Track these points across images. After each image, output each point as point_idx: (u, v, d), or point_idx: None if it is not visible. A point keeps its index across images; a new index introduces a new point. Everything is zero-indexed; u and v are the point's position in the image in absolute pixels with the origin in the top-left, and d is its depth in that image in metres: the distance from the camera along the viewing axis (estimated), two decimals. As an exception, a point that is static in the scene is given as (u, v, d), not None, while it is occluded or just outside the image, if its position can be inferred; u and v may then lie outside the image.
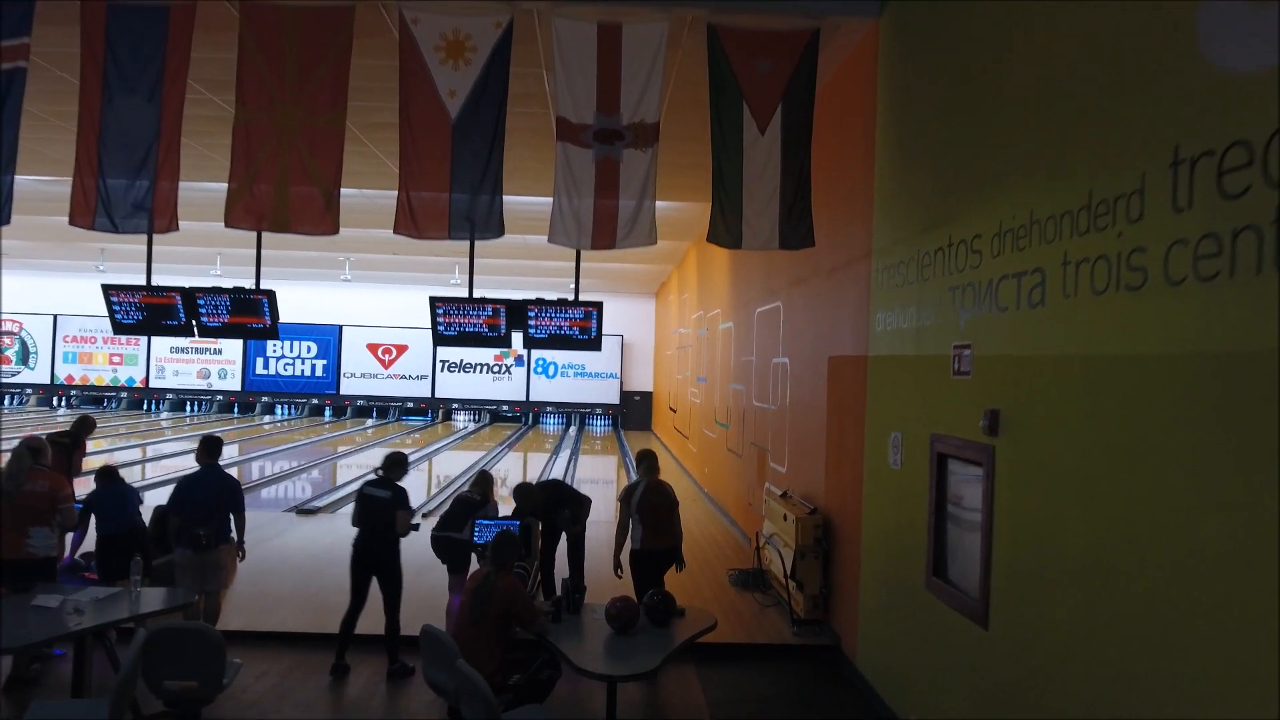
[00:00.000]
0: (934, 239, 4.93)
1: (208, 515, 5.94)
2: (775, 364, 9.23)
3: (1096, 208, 3.34)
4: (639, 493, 6.52)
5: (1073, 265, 3.49)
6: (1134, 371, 3.09)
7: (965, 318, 4.50)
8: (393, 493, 6.01)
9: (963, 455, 4.50)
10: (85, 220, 5.96)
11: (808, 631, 6.91)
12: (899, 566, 5.37)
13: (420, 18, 6.00)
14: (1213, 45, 2.76)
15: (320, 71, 6.00)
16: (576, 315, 7.26)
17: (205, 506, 5.99)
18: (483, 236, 6.02)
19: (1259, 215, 2.52)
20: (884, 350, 5.78)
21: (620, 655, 4.78)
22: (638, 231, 6.05)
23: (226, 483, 6.26)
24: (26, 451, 5.73)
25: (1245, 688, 2.51)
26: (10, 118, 5.91)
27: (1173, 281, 2.88)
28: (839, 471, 6.77)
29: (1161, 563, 2.91)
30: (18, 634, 4.55)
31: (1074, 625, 3.42)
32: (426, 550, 6.71)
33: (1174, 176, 2.90)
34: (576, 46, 6.04)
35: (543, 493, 7.17)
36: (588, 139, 6.05)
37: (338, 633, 6.14)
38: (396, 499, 5.98)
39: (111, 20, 6.02)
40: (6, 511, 5.49)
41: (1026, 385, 3.89)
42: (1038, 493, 3.78)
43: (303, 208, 5.99)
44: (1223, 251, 2.66)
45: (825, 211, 6.86)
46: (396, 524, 5.99)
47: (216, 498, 6.07)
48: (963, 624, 4.41)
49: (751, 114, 6.08)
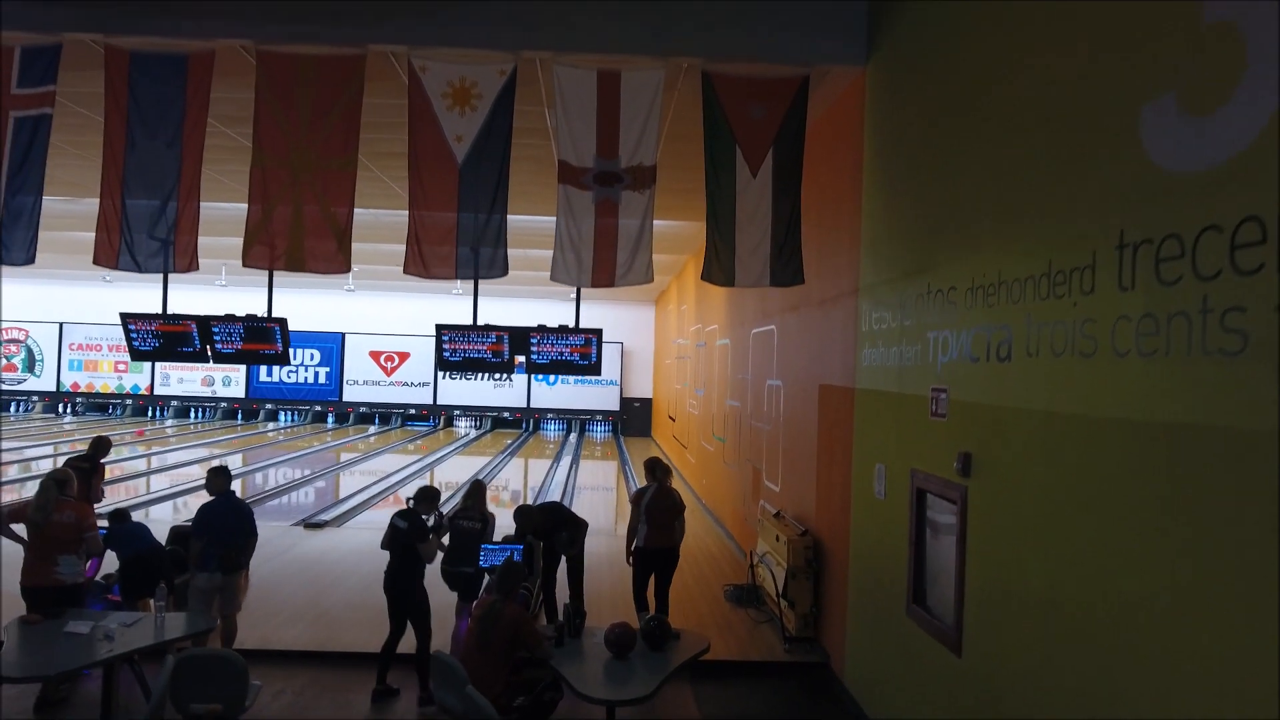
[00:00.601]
0: (915, 284, 5.23)
1: (230, 539, 6.26)
2: (770, 385, 9.53)
3: (1055, 276, 3.64)
4: (649, 496, 7.28)
5: (1035, 326, 3.79)
6: (1087, 430, 3.38)
7: (942, 363, 4.80)
8: (409, 524, 6.22)
9: (939, 492, 4.79)
10: (110, 261, 6.26)
11: (799, 649, 7.20)
12: (883, 591, 5.66)
13: (428, 65, 6.30)
14: (1153, 143, 3.05)
15: (333, 117, 6.30)
16: (577, 342, 7.57)
17: (227, 531, 6.30)
18: (487, 277, 6.32)
19: (1189, 304, 2.81)
20: (869, 384, 6.07)
21: (619, 679, 5.07)
22: (635, 271, 6.34)
23: (242, 509, 6.57)
24: (53, 484, 6.01)
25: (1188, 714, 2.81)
26: (35, 162, 6.22)
27: (1119, 353, 3.18)
28: (829, 495, 7.07)
29: (1111, 601, 3.20)
30: (52, 660, 4.84)
31: (1036, 658, 3.72)
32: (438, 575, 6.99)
33: (1120, 258, 3.19)
34: (577, 93, 6.33)
35: (541, 515, 7.46)
36: (588, 181, 6.35)
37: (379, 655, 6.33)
38: (413, 531, 6.18)
39: (134, 67, 6.32)
40: (36, 541, 5.79)
41: (996, 432, 4.18)
42: (1004, 533, 4.07)
43: (316, 248, 6.28)
44: (1160, 332, 2.95)
45: (816, 244, 7.16)
46: (422, 554, 6.15)
47: (235, 524, 6.38)
48: (940, 651, 4.71)
49: (744, 157, 6.38)
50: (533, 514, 7.35)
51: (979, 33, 4.56)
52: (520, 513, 7.32)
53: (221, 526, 6.33)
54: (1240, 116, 2.63)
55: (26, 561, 5.84)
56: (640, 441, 25.96)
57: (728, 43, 6.24)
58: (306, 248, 6.26)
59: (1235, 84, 2.65)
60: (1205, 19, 2.80)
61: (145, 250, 6.26)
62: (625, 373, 28.08)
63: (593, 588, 7.79)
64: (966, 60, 4.70)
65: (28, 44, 6.24)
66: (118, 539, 6.64)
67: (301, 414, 28.36)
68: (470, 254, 6.29)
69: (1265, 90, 2.54)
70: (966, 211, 4.61)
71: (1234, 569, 2.60)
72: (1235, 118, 2.65)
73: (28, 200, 6.10)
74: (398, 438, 25.18)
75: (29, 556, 5.84)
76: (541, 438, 26.74)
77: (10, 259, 6.09)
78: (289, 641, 7.13)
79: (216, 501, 6.47)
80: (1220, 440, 2.66)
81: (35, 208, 6.15)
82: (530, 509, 7.44)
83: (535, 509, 7.53)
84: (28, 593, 5.77)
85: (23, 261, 6.11)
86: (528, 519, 7.24)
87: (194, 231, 6.34)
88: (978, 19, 4.58)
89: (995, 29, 4.38)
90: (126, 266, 6.26)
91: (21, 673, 4.73)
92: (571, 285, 6.48)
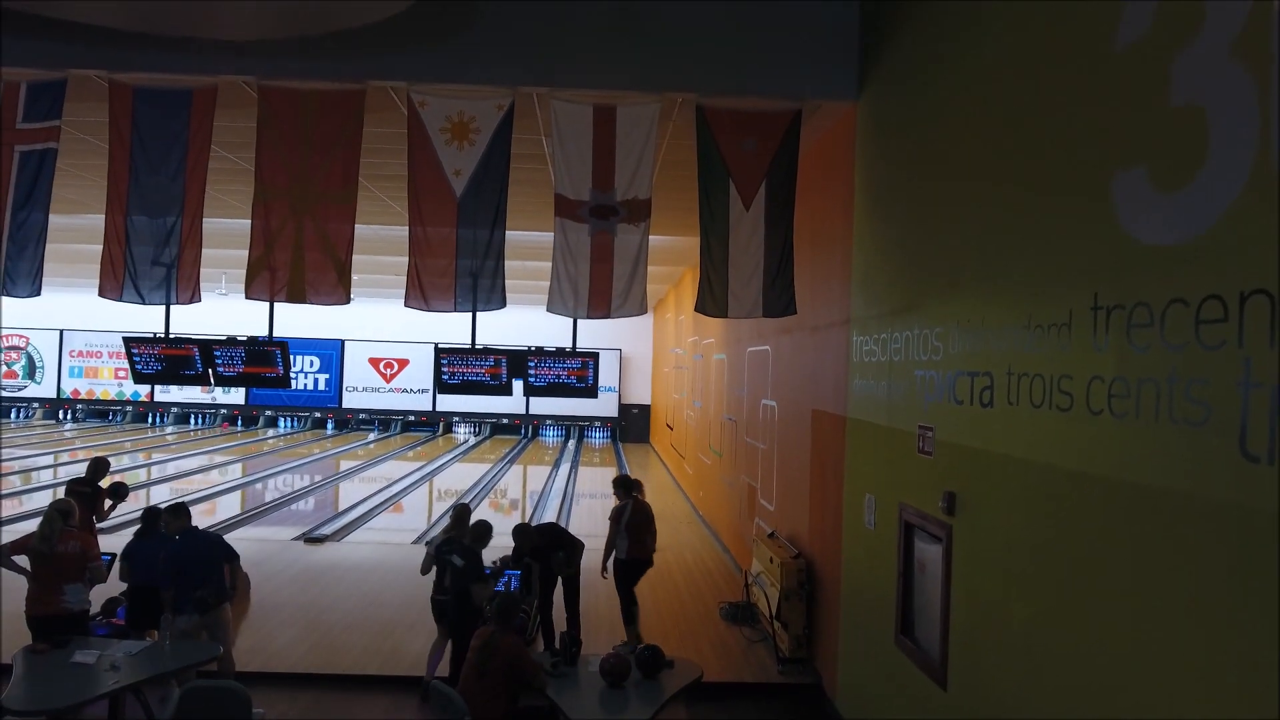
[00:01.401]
0: (903, 322, 5.35)
1: (204, 578, 6.05)
2: (764, 404, 9.65)
3: (1034, 329, 3.76)
4: (627, 513, 7.85)
5: (1015, 376, 3.91)
6: (1064, 482, 3.50)
7: (928, 402, 4.92)
8: (467, 564, 6.22)
9: (925, 528, 4.91)
10: (114, 293, 6.37)
11: (792, 670, 7.32)
12: (873, 619, 5.78)
13: (428, 100, 6.42)
14: (1125, 212, 3.17)
15: (334, 151, 6.42)
16: (574, 365, 7.71)
17: (200, 570, 6.08)
18: (485, 309, 6.43)
19: (1158, 372, 2.92)
20: (860, 415, 6.19)
21: (613, 708, 5.19)
22: (630, 303, 6.46)
23: (211, 540, 6.37)
24: (57, 515, 6.11)
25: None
26: (40, 196, 6.33)
27: (1093, 412, 3.29)
28: (821, 519, 7.18)
29: (1088, 651, 3.32)
30: (59, 692, 4.96)
31: (1018, 699, 3.84)
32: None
33: (1094, 319, 3.31)
34: (573, 127, 6.45)
35: (539, 534, 7.59)
36: (584, 214, 6.46)
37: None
38: (469, 571, 6.19)
39: (138, 102, 6.43)
40: (42, 571, 5.91)
41: (979, 475, 4.30)
42: (987, 573, 4.19)
43: (317, 280, 6.40)
44: (1130, 395, 3.07)
45: (810, 272, 7.28)
46: (473, 595, 6.14)
47: (207, 559, 6.16)
48: (926, 683, 4.83)
49: (737, 191, 6.50)
50: (530, 533, 7.48)
51: (963, 83, 4.68)
52: (518, 531, 7.45)
53: (190, 566, 6.08)
54: (1204, 198, 2.75)
55: (32, 591, 5.93)
56: (639, 448, 26.08)
57: (721, 78, 6.36)
58: (307, 280, 6.37)
59: (1199, 166, 2.77)
60: (1173, 100, 2.92)
61: (149, 283, 6.37)
62: (624, 379, 28.19)
63: (589, 604, 7.92)
64: (952, 107, 4.82)
65: (34, 80, 6.35)
66: (137, 556, 6.55)
67: (301, 420, 28.48)
68: (469, 287, 6.40)
69: (1228, 175, 2.65)
70: (952, 255, 4.72)
71: (1197, 625, 2.72)
72: (1199, 199, 2.77)
73: (33, 234, 6.21)
74: (398, 444, 25.30)
75: (35, 587, 5.94)
76: (540, 444, 26.86)
77: (15, 292, 6.20)
78: (291, 663, 7.24)
79: (182, 542, 6.23)
80: (1183, 505, 2.78)
81: (40, 241, 6.27)
82: (528, 528, 7.57)
83: (533, 529, 7.66)
84: (35, 622, 5.87)
85: (27, 294, 6.23)
86: (525, 538, 7.37)
87: (196, 264, 6.45)
88: (961, 70, 4.70)
89: (978, 81, 4.50)
90: (130, 299, 6.37)
91: (28, 706, 4.83)
92: (568, 316, 6.60)
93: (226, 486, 17.42)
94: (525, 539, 7.37)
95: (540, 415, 27.95)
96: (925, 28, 5.24)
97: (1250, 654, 2.48)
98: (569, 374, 7.75)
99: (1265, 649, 2.41)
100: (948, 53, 4.94)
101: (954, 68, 4.82)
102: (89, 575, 5.99)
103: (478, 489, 17.71)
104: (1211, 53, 2.75)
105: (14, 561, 6.17)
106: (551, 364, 7.75)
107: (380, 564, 10.54)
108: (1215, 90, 2.72)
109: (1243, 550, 2.54)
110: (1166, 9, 2.99)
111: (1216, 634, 2.63)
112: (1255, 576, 2.48)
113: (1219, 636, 2.62)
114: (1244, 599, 2.52)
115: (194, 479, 18.37)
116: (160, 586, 6.12)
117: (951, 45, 4.87)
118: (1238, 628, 2.54)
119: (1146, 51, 3.08)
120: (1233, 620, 2.57)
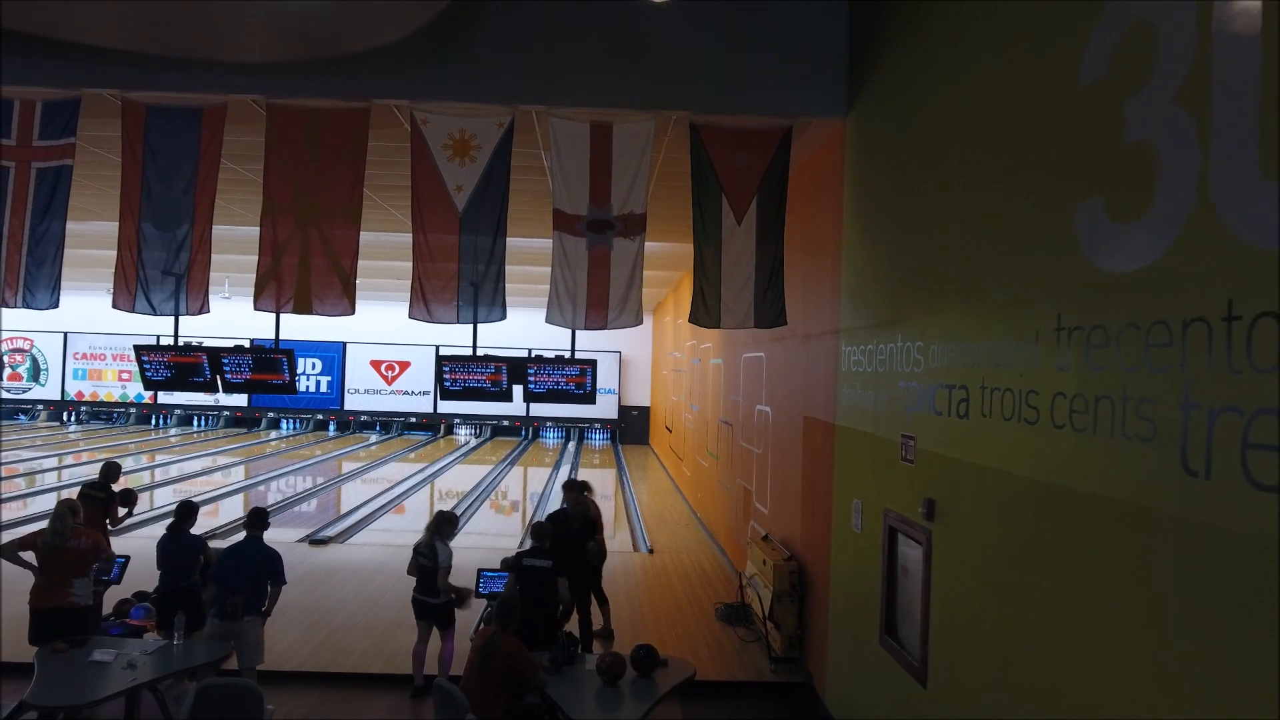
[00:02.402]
0: (888, 335, 5.56)
1: (244, 587, 6.23)
2: (759, 410, 9.86)
3: (1006, 347, 3.97)
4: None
5: (989, 390, 4.12)
6: (1033, 492, 3.72)
7: (910, 412, 5.13)
8: (552, 566, 6.51)
9: (908, 533, 5.13)
10: (127, 304, 6.59)
11: (784, 669, 7.54)
12: (859, 619, 6.00)
13: (430, 118, 6.64)
14: (1085, 239, 3.39)
15: (339, 167, 6.64)
16: (573, 372, 7.90)
17: (243, 578, 6.27)
18: (486, 321, 6.65)
19: (1113, 390, 3.14)
20: (849, 423, 6.40)
21: (610, 706, 5.41)
22: (626, 314, 6.68)
23: (267, 555, 6.47)
24: (68, 511, 6.33)
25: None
26: (57, 211, 6.55)
27: (1056, 425, 3.51)
28: (812, 523, 7.40)
29: (1055, 644, 3.53)
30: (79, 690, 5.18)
31: (993, 697, 4.05)
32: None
33: (1058, 339, 3.53)
34: (571, 143, 6.67)
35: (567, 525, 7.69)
36: (581, 229, 6.68)
37: None
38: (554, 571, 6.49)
39: (150, 119, 6.65)
40: (49, 565, 6.11)
41: (957, 483, 4.52)
42: (964, 577, 4.41)
43: (323, 291, 6.62)
44: (1089, 411, 3.29)
45: (801, 282, 7.50)
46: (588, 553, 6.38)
47: (255, 571, 6.33)
48: (908, 681, 5.04)
49: (729, 205, 6.72)
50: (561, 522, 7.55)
51: (942, 106, 4.90)
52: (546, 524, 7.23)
53: (238, 573, 6.27)
54: (1152, 231, 2.96)
55: (39, 584, 6.11)
56: (638, 450, 26.30)
57: (714, 97, 6.58)
58: (313, 292, 6.59)
59: (1149, 203, 2.98)
60: (1126, 137, 3.13)
61: (160, 294, 6.59)
62: (624, 382, 28.41)
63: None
64: (932, 129, 5.04)
65: (49, 98, 6.57)
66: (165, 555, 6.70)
67: (303, 422, 28.71)
68: (470, 299, 6.62)
69: (1175, 211, 2.87)
70: (933, 271, 4.94)
71: (1151, 628, 2.93)
72: (1148, 231, 2.98)
73: (50, 248, 6.44)
74: (398, 446, 25.52)
75: (42, 580, 6.12)
76: (541, 446, 27.08)
77: (35, 304, 6.43)
78: (297, 663, 7.46)
79: (243, 544, 6.45)
80: (1134, 516, 3.00)
81: (58, 255, 6.49)
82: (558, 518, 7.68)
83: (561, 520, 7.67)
84: (39, 614, 6.04)
85: (46, 306, 6.45)
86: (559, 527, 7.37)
87: (206, 275, 6.68)
88: (941, 94, 4.92)
89: (956, 106, 4.71)
90: (143, 310, 6.59)
91: (51, 702, 5.05)
92: (566, 328, 6.82)
93: (231, 489, 17.64)
94: (559, 527, 7.35)
95: (540, 417, 28.17)
96: (909, 50, 5.46)
97: (1197, 654, 2.70)
98: (568, 380, 7.95)
99: (1210, 650, 2.63)
100: (929, 76, 5.16)
101: (934, 91, 5.04)
102: (98, 568, 6.19)
103: (479, 490, 17.93)
104: (1159, 96, 2.96)
105: (20, 557, 6.37)
106: (551, 371, 7.94)
107: (383, 566, 10.74)
108: (1163, 131, 2.94)
109: (1184, 560, 2.75)
110: (1121, 52, 3.20)
111: (1168, 637, 2.84)
112: (1196, 584, 2.70)
113: (1171, 639, 2.83)
114: (1191, 606, 2.74)
115: (197, 481, 18.59)
116: (208, 580, 6.36)
117: (932, 69, 5.09)
118: (1186, 632, 2.76)
119: (1104, 90, 3.29)
120: (1180, 625, 2.78)
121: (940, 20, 5.00)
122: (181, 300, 6.60)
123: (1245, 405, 2.49)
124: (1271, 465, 2.37)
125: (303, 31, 5.81)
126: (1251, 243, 2.53)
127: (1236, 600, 2.52)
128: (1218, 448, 2.60)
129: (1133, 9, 3.15)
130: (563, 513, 7.87)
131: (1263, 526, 2.40)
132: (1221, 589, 2.59)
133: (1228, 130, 2.64)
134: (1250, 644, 2.44)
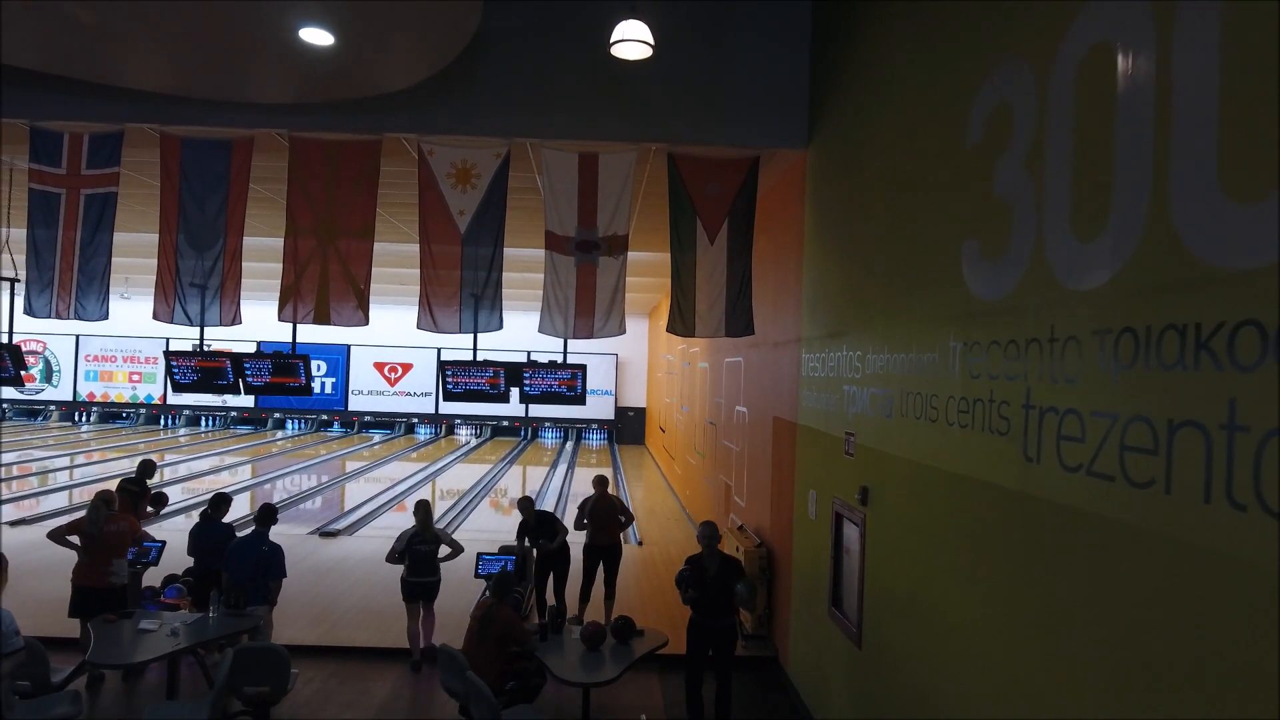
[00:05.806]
0: (837, 344, 6.36)
1: (244, 579, 6.93)
2: (738, 411, 10.65)
3: (917, 358, 4.77)
4: (590, 504, 8.99)
5: (906, 395, 4.91)
6: (934, 478, 4.51)
7: (852, 413, 5.93)
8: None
9: (849, 517, 5.92)
10: (166, 316, 7.38)
11: (755, 644, 8.33)
12: (813, 596, 6.79)
13: (435, 149, 7.43)
14: (968, 271, 4.18)
15: (355, 194, 7.43)
16: (565, 376, 8.68)
17: (246, 570, 6.98)
18: (485, 330, 7.44)
19: (983, 395, 3.94)
20: (808, 422, 7.20)
21: (592, 667, 6.20)
22: (610, 325, 7.48)
23: (267, 550, 7.10)
24: (102, 503, 7.13)
25: (1017, 695, 3.94)
26: (104, 234, 7.35)
27: (949, 423, 4.31)
28: (779, 513, 8.19)
29: (948, 608, 4.32)
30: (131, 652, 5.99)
31: (906, 650, 4.84)
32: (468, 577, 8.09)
33: (951, 352, 4.32)
34: (561, 171, 7.47)
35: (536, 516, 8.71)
36: (570, 248, 7.48)
37: None
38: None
39: (185, 151, 7.45)
40: (91, 549, 6.92)
41: (884, 473, 5.31)
42: (887, 551, 5.20)
43: (340, 305, 7.42)
44: (970, 411, 4.08)
45: (771, 294, 8.29)
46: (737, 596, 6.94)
47: (256, 564, 7.00)
48: (848, 645, 5.83)
49: (703, 227, 7.51)
50: (531, 507, 8.76)
51: (871, 150, 5.69)
52: (525, 502, 8.81)
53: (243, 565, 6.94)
54: (1010, 268, 3.76)
55: (82, 564, 6.97)
56: (635, 449, 27.08)
57: (690, 130, 7.38)
58: (331, 305, 7.39)
59: (1009, 247, 3.78)
60: (994, 192, 3.93)
61: (195, 307, 7.38)
62: (620, 383, 29.21)
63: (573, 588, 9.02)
64: (866, 168, 5.84)
65: (95, 132, 7.37)
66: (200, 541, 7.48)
67: (309, 423, 29.52)
68: (471, 312, 7.42)
69: (1022, 253, 3.66)
70: (868, 291, 5.73)
71: (1016, 591, 3.73)
72: (1008, 267, 3.78)
73: (99, 267, 7.24)
74: (401, 446, 26.32)
75: (84, 560, 6.97)
76: (540, 445, 27.88)
77: (87, 316, 7.23)
78: (315, 638, 8.25)
79: (249, 538, 7.10)
80: (995, 493, 3.79)
81: (105, 273, 7.29)
82: (530, 501, 8.89)
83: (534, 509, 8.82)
84: (80, 591, 6.90)
85: (97, 318, 7.25)
86: (528, 509, 8.74)
87: (237, 290, 7.47)
88: (870, 137, 5.71)
89: (879, 153, 5.51)
90: (180, 321, 7.39)
91: (109, 660, 5.86)
92: (557, 338, 7.61)
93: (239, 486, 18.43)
94: (529, 510, 8.70)
95: (539, 418, 28.97)
96: (851, 95, 6.25)
97: (1037, 599, 3.49)
98: (560, 384, 8.74)
99: (1049, 597, 3.43)
100: (862, 121, 5.95)
101: (867, 134, 5.84)
102: (136, 553, 6.99)
103: (479, 489, 18.72)
104: (1014, 162, 3.76)
105: (67, 540, 7.16)
106: (544, 375, 8.74)
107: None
108: (1015, 190, 3.73)
109: (1026, 529, 3.55)
110: (992, 123, 4.00)
111: (1019, 588, 3.64)
112: (1033, 547, 3.49)
113: (1021, 591, 3.63)
114: (1031, 564, 3.53)
115: (205, 479, 19.38)
116: (222, 569, 7.14)
117: (864, 115, 5.89)
118: (1031, 584, 3.55)
119: (981, 152, 4.09)
120: (1026, 578, 3.57)
121: (870, 74, 5.80)
122: (215, 311, 7.39)
123: (1060, 405, 3.28)
124: (1077, 451, 3.16)
125: (324, 79, 6.60)
126: (1070, 285, 3.32)
127: (1060, 558, 3.32)
128: (1045, 440, 3.39)
129: (999, 90, 3.94)
130: (697, 557, 6.80)
131: (1073, 499, 3.19)
132: (1052, 551, 3.38)
133: (1053, 192, 3.44)
134: (1068, 583, 3.23)
